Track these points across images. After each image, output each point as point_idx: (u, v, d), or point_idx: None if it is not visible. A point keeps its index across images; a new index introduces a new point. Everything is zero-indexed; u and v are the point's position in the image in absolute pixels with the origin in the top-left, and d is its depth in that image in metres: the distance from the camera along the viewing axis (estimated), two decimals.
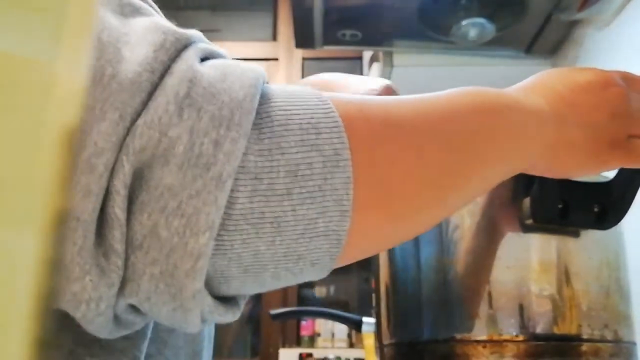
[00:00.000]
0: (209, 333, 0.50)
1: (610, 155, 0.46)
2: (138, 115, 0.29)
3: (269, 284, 0.33)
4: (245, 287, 0.33)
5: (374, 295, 0.72)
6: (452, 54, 1.37)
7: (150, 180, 0.29)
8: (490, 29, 1.24)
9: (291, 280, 0.34)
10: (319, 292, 3.00)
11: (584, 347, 0.56)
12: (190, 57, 0.31)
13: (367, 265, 0.63)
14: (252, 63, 0.35)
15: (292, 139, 0.31)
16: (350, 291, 3.02)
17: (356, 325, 1.20)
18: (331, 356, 2.63)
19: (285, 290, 2.87)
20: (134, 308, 0.31)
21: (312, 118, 0.32)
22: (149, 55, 0.30)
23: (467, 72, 1.39)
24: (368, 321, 1.18)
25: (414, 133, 0.36)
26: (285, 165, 0.30)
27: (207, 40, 0.36)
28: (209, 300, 0.31)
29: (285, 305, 2.69)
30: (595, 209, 0.55)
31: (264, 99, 0.33)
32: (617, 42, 1.12)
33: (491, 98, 0.41)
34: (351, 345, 2.72)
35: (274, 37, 3.27)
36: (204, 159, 0.29)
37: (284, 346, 2.78)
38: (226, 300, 0.33)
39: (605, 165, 0.47)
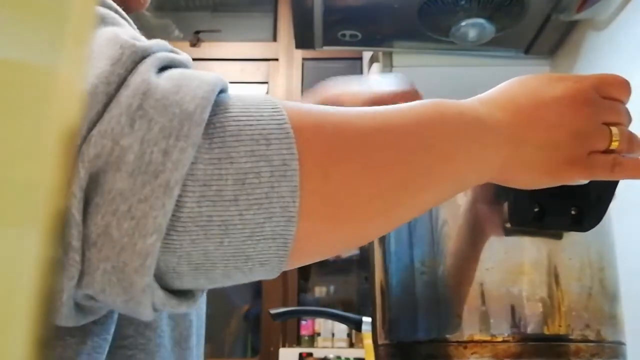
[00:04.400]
0: (198, 318, 0.53)
1: (568, 171, 0.46)
2: (94, 125, 0.31)
3: (220, 281, 0.36)
4: (198, 282, 0.36)
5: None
6: (452, 55, 1.37)
7: (104, 184, 0.31)
8: (489, 29, 1.24)
9: (242, 278, 0.36)
10: (319, 292, 3.00)
11: (571, 347, 0.56)
12: (145, 70, 0.33)
13: (367, 265, 0.63)
14: (251, 63, 0.35)
15: (242, 149, 0.33)
16: (350, 291, 3.02)
17: (356, 325, 1.21)
18: (331, 356, 2.63)
19: (285, 290, 2.88)
20: (92, 296, 0.34)
21: (264, 129, 0.34)
22: (106, 69, 0.33)
23: (466, 72, 1.39)
24: (368, 321, 1.18)
25: (368, 147, 0.38)
26: (234, 174, 0.33)
27: (172, 47, 0.38)
28: (159, 293, 0.33)
29: (285, 305, 2.69)
30: (572, 212, 0.55)
31: (219, 108, 0.34)
32: (615, 42, 1.13)
33: (450, 114, 0.42)
34: (351, 344, 2.72)
35: (274, 38, 3.28)
36: (153, 166, 0.31)
37: (284, 346, 2.78)
38: (182, 293, 0.36)
39: (564, 180, 0.47)
